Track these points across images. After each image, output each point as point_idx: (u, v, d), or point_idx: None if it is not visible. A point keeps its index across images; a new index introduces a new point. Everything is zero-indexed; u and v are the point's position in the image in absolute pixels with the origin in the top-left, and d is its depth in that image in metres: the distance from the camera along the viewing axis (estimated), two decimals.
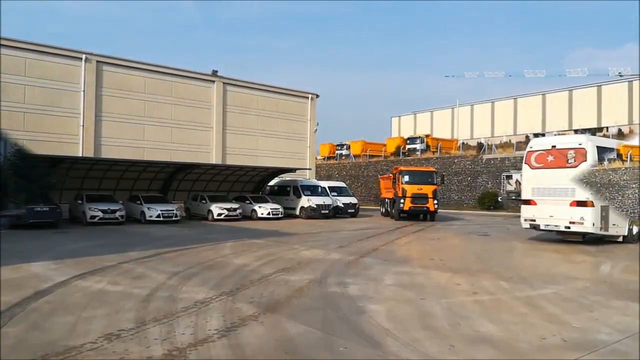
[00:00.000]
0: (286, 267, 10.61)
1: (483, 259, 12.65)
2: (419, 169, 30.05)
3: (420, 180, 26.94)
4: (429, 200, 26.35)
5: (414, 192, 26.36)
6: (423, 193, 26.46)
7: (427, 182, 26.74)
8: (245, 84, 33.22)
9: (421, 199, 26.38)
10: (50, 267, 10.50)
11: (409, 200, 26.25)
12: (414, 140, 53.31)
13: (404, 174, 27.25)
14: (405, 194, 26.45)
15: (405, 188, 26.48)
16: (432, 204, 26.31)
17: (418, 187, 26.43)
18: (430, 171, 28.25)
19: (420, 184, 26.61)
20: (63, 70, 25.42)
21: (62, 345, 5.28)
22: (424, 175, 27.52)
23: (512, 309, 7.22)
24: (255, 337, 5.68)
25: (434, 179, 27.06)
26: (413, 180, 26.86)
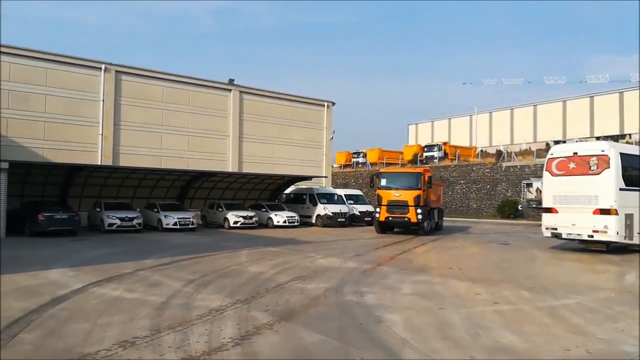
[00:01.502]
0: (302, 276, 10.51)
1: (503, 268, 12.38)
2: (400, 171, 25.48)
3: (400, 184, 22.15)
4: (409, 209, 21.38)
5: (390, 200, 21.78)
6: (402, 200, 21.56)
7: (408, 187, 21.77)
8: (262, 93, 33.40)
9: (400, 208, 21.56)
10: (68, 274, 10.57)
11: (385, 209, 21.90)
12: (432, 147, 53.03)
13: (382, 177, 22.84)
14: (381, 201, 22.19)
15: (381, 194, 22.19)
16: (415, 214, 21.23)
17: (395, 193, 21.80)
18: (414, 173, 22.81)
19: (399, 188, 21.94)
20: (83, 80, 25.87)
21: (77, 352, 5.26)
22: (404, 178, 22.55)
23: (534, 320, 7.00)
24: (269, 346, 5.59)
25: (419, 183, 21.60)
26: (391, 184, 22.32)
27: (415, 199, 21.36)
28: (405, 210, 21.50)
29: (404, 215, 21.49)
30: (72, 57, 25.77)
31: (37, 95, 24.46)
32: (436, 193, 25.19)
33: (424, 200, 21.54)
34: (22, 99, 23.96)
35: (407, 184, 21.92)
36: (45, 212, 19.76)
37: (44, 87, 24.69)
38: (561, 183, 15.37)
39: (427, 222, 22.09)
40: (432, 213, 23.19)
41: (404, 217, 21.53)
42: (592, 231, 14.49)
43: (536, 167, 37.33)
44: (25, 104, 24.03)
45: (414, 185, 21.71)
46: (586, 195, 14.67)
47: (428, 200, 22.11)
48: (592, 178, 14.58)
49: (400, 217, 21.67)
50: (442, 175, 45.48)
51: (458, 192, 43.64)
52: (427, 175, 22.19)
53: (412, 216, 21.37)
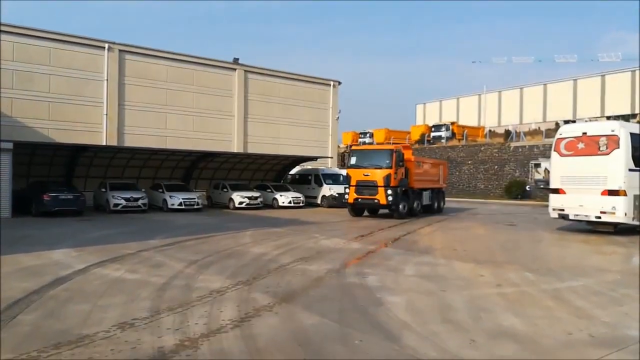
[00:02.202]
0: (305, 257, 10.48)
1: (508, 250, 12.28)
2: (370, 148, 22.94)
3: (370, 162, 20.35)
4: (378, 190, 19.73)
5: (359, 180, 20.30)
6: (370, 180, 19.91)
7: (377, 165, 19.95)
8: (267, 72, 33.05)
9: (368, 189, 19.97)
10: (71, 254, 10.60)
11: (353, 190, 20.46)
12: (439, 127, 52.55)
13: (352, 155, 21.19)
14: (350, 181, 20.83)
15: (350, 174, 20.75)
16: (384, 195, 19.56)
17: (365, 172, 20.19)
18: (384, 150, 21.11)
19: (368, 167, 20.23)
20: (86, 60, 25.69)
21: (75, 333, 5.25)
22: (374, 156, 20.63)
23: (537, 302, 6.92)
24: (268, 328, 5.55)
25: (390, 161, 19.69)
26: (361, 162, 20.58)
27: (385, 179, 19.60)
28: (374, 191, 19.82)
29: (373, 197, 19.85)
30: (76, 37, 25.55)
31: (41, 75, 24.35)
32: (432, 173, 24.16)
33: (399, 180, 19.93)
34: (26, 78, 23.86)
35: (377, 163, 20.08)
36: (50, 193, 19.84)
37: (47, 66, 24.55)
38: (569, 163, 15.14)
39: (403, 205, 20.30)
40: (416, 194, 21.53)
41: (372, 198, 19.91)
42: (599, 212, 14.31)
43: (545, 147, 36.86)
44: (30, 83, 23.95)
45: (384, 164, 19.84)
46: (595, 176, 14.45)
47: (406, 180, 20.60)
48: (601, 158, 14.33)
49: (369, 199, 20.09)
50: (449, 155, 45.13)
51: (465, 172, 43.34)
52: (403, 152, 20.66)
53: (381, 198, 19.66)
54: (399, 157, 19.96)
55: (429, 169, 24.24)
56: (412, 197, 21.11)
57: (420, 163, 22.83)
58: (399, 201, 19.96)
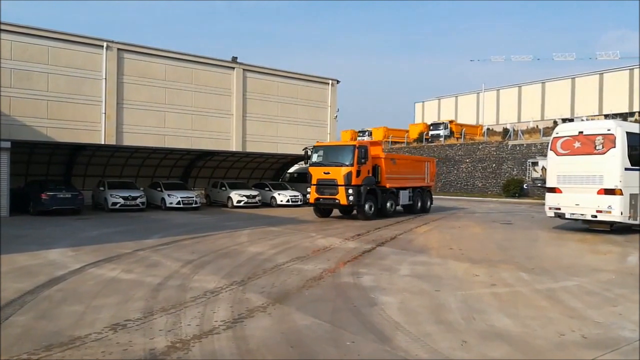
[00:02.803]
0: (301, 256, 10.48)
1: (504, 249, 12.29)
2: (332, 144, 21.24)
3: (331, 159, 19.17)
4: (338, 189, 18.49)
5: (319, 178, 19.21)
6: (330, 179, 18.77)
7: (338, 163, 18.74)
8: (265, 71, 33.02)
9: (329, 188, 18.82)
10: (68, 254, 10.61)
11: (314, 189, 19.34)
12: (438, 126, 52.56)
13: (314, 152, 20.02)
14: (311, 180, 19.69)
15: (311, 172, 19.66)
16: (344, 195, 18.31)
17: (324, 171, 19.06)
18: (346, 146, 19.70)
19: (329, 165, 19.03)
20: (85, 59, 25.65)
21: (67, 335, 5.25)
22: (336, 153, 19.38)
23: (531, 303, 6.92)
24: (261, 330, 5.55)
25: (351, 158, 18.45)
26: (322, 159, 19.51)
27: (346, 177, 18.33)
28: (335, 190, 18.62)
29: (333, 197, 18.70)
30: (74, 35, 25.50)
31: (40, 74, 24.31)
32: (412, 170, 22.95)
33: (363, 178, 18.68)
34: (25, 77, 23.82)
35: (338, 160, 18.89)
36: (48, 192, 19.86)
37: (46, 65, 24.51)
38: (566, 163, 15.15)
39: (370, 205, 19.06)
40: (389, 193, 20.33)
41: (333, 198, 18.74)
42: (596, 211, 14.33)
43: (542, 145, 36.87)
44: (28, 82, 23.91)
45: (345, 161, 18.61)
46: (591, 175, 14.47)
47: (373, 178, 19.37)
48: (597, 158, 14.34)
49: (330, 199, 18.89)
50: (447, 153, 45.16)
51: (464, 170, 43.37)
52: (368, 148, 19.31)
53: (341, 197, 18.44)
54: (362, 153, 18.69)
55: (408, 166, 23.15)
56: (382, 196, 19.86)
57: (394, 160, 21.60)
58: (364, 201, 18.71)
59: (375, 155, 19.99)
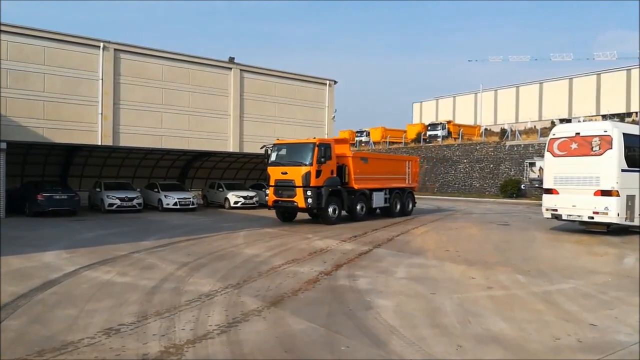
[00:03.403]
0: (297, 258, 10.46)
1: (501, 251, 12.28)
2: (292, 142, 19.30)
3: (290, 158, 17.78)
4: (296, 190, 17.15)
5: (277, 179, 17.83)
6: (288, 180, 17.39)
7: (296, 162, 17.34)
8: (262, 71, 32.98)
9: (287, 190, 17.42)
10: (63, 256, 10.56)
11: (272, 191, 18.00)
12: (435, 126, 52.64)
13: (273, 150, 18.52)
14: (269, 181, 18.36)
15: (270, 172, 18.18)
16: (302, 196, 17.00)
17: (282, 171, 17.65)
18: (305, 144, 17.80)
19: (287, 165, 17.61)
20: (82, 59, 25.57)
21: (60, 340, 5.21)
22: (295, 151, 17.88)
23: (527, 306, 6.90)
24: (255, 334, 5.52)
25: (310, 157, 17.04)
26: (281, 158, 18.08)
27: (304, 178, 16.93)
28: (292, 192, 17.26)
29: (291, 199, 17.34)
30: (71, 36, 25.42)
31: (36, 74, 24.23)
32: (387, 170, 21.39)
33: (325, 179, 17.34)
34: (21, 78, 23.74)
35: (297, 159, 17.49)
36: (44, 193, 19.80)
37: (42, 65, 24.43)
38: (562, 164, 15.15)
39: (334, 208, 17.77)
40: (359, 195, 19.06)
41: (291, 200, 17.38)
42: (592, 212, 14.33)
43: (540, 146, 36.89)
44: (24, 83, 23.83)
45: (304, 160, 17.19)
46: (588, 176, 14.47)
47: (337, 178, 17.98)
48: (594, 159, 14.34)
49: (288, 201, 17.53)
50: (445, 154, 45.18)
51: (461, 171, 43.39)
52: (331, 147, 17.91)
53: (299, 200, 17.07)
54: (323, 152, 17.25)
55: (384, 166, 21.66)
56: (350, 198, 18.63)
57: (365, 159, 20.25)
58: (326, 204, 17.35)
59: (341, 154, 18.71)
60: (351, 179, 18.66)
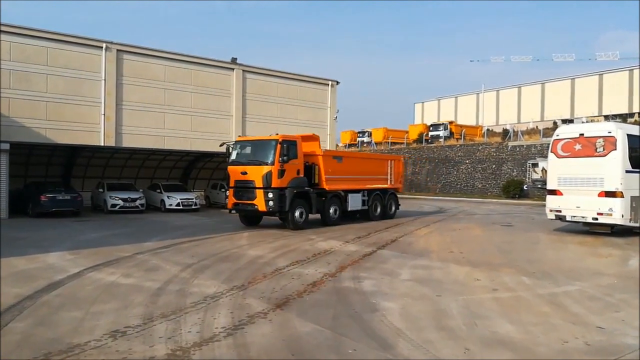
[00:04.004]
0: (301, 260, 10.44)
1: (505, 252, 12.25)
2: (253, 139, 17.83)
3: (250, 157, 16.38)
4: (256, 192, 15.71)
5: (236, 179, 16.46)
6: (248, 180, 15.99)
7: (257, 161, 15.94)
8: (265, 72, 32.94)
9: (247, 192, 16.01)
10: (67, 257, 10.56)
11: (232, 193, 16.57)
12: (437, 127, 52.58)
13: (234, 148, 17.09)
14: (229, 182, 17.03)
15: (230, 172, 16.83)
16: (263, 199, 15.54)
17: (242, 170, 16.23)
18: (267, 141, 16.21)
19: (247, 164, 16.21)
20: (84, 60, 25.54)
21: (66, 342, 5.20)
22: (256, 149, 16.46)
23: (533, 308, 6.88)
24: (261, 337, 5.51)
25: (274, 155, 15.55)
26: (241, 157, 16.65)
27: (265, 178, 15.52)
28: (252, 194, 15.84)
29: (251, 201, 15.90)
30: (73, 36, 25.39)
31: (39, 75, 24.17)
32: (365, 170, 19.91)
33: (290, 179, 15.98)
34: (23, 78, 23.71)
35: (258, 157, 16.08)
36: (47, 193, 19.84)
37: (45, 66, 24.39)
38: (566, 165, 15.12)
39: (300, 211, 16.31)
40: (331, 197, 17.74)
41: (251, 203, 15.91)
42: (596, 214, 14.29)
43: (542, 146, 36.84)
44: (27, 83, 23.80)
45: (265, 159, 15.77)
46: (592, 177, 14.44)
47: (304, 179, 16.62)
48: (598, 160, 14.31)
49: (248, 204, 16.04)
50: (447, 154, 45.12)
51: (463, 171, 43.34)
52: (296, 144, 16.52)
53: (259, 202, 15.64)
54: (286, 149, 15.86)
55: (361, 165, 20.28)
56: (320, 201, 17.30)
57: (340, 158, 18.86)
58: (291, 207, 15.86)
59: (310, 152, 17.33)
60: (322, 180, 17.27)
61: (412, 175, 47.96)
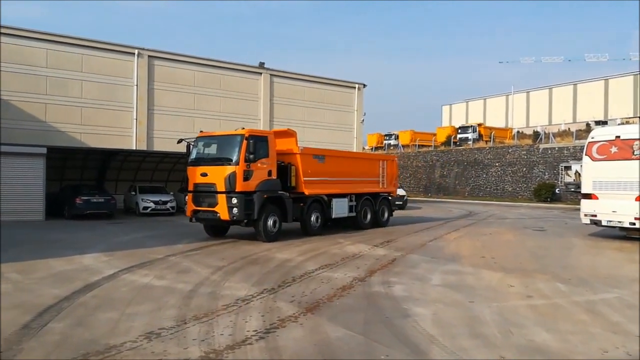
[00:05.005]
0: (329, 263, 10.43)
1: (538, 257, 11.96)
2: (215, 134, 15.01)
3: (212, 156, 14.08)
4: (217, 198, 13.20)
5: (196, 182, 13.88)
6: (208, 183, 13.52)
7: (220, 161, 13.56)
8: (292, 75, 33.16)
9: (208, 197, 13.52)
10: (102, 259, 10.82)
11: (191, 198, 13.92)
12: (466, 129, 51.85)
13: (194, 145, 14.48)
14: (187, 185, 14.51)
15: (188, 174, 14.24)
16: (226, 206, 13.03)
17: (202, 171, 13.68)
18: (231, 136, 13.70)
19: (208, 164, 13.80)
20: (117, 66, 26.21)
21: (103, 343, 5.32)
22: (219, 146, 14.10)
23: (570, 316, 6.70)
24: (293, 341, 5.52)
25: (237, 153, 13.07)
26: (203, 156, 14.21)
27: (228, 181, 13.00)
28: (214, 199, 13.31)
29: (212, 208, 13.36)
30: (107, 43, 26.11)
31: (74, 81, 24.93)
32: (353, 172, 17.43)
33: (260, 182, 13.56)
34: (60, 84, 24.48)
35: (220, 156, 13.76)
36: (82, 196, 20.39)
37: (80, 72, 25.12)
38: (602, 168, 14.68)
39: (274, 220, 13.99)
40: (311, 203, 15.41)
41: (212, 210, 13.38)
42: (634, 219, 13.81)
43: (575, 149, 35.93)
44: (62, 89, 24.55)
45: (228, 157, 13.32)
46: (629, 181, 13.97)
47: (276, 181, 14.22)
48: (635, 163, 13.84)
49: (209, 211, 13.50)
50: (476, 157, 44.45)
51: (493, 174, 42.61)
52: (267, 140, 14.05)
53: (221, 209, 13.12)
54: (253, 146, 13.26)
55: (348, 166, 17.42)
56: (298, 207, 14.96)
57: (321, 158, 16.03)
58: (260, 214, 13.47)
59: (286, 151, 15.03)
60: (300, 182, 14.91)
61: (440, 178, 47.41)
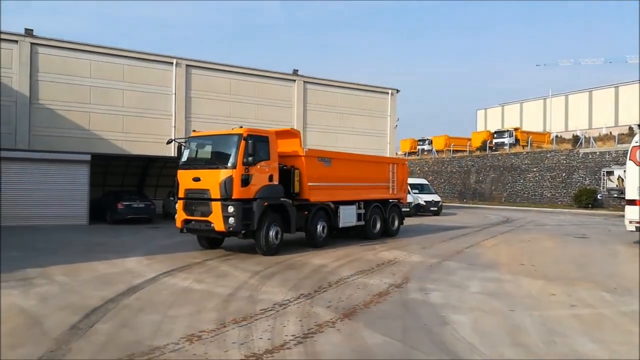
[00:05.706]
0: (365, 269, 10.41)
1: (581, 265, 11.60)
2: (209, 134, 13.69)
3: (205, 158, 12.84)
4: (211, 205, 11.71)
5: (187, 188, 12.43)
6: (200, 189, 12.04)
7: (214, 164, 12.13)
8: (325, 82, 33.33)
9: (200, 205, 12.07)
10: (143, 262, 11.14)
11: (181, 206, 12.54)
12: (502, 134, 50.89)
13: (186, 147, 13.25)
14: (177, 191, 12.93)
15: (179, 178, 12.83)
16: (220, 215, 11.52)
17: (194, 176, 12.19)
18: (230, 136, 12.15)
19: (201, 167, 12.39)
20: (157, 75, 26.98)
21: (147, 345, 5.48)
22: (213, 148, 12.88)
23: (616, 327, 6.48)
24: (331, 346, 5.55)
25: (234, 155, 11.62)
26: (194, 159, 12.97)
27: (224, 186, 11.47)
28: (207, 207, 11.83)
29: (205, 218, 11.90)
30: (147, 54, 26.93)
31: (116, 91, 25.81)
32: (360, 176, 15.85)
33: (260, 188, 12.07)
34: (103, 94, 25.39)
35: (214, 158, 12.46)
36: (124, 201, 21.04)
37: (121, 82, 25.99)
38: None
39: (275, 231, 12.39)
40: (316, 211, 13.87)
41: (205, 220, 11.92)
42: None
43: (618, 153, 34.69)
44: (105, 98, 25.44)
45: (223, 160, 11.88)
46: None
47: (279, 187, 12.73)
48: None
49: (202, 221, 12.05)
50: (513, 162, 43.47)
51: (530, 180, 41.56)
52: (268, 140, 12.50)
53: (216, 219, 11.63)
54: (252, 148, 11.66)
55: (356, 169, 15.77)
56: (302, 216, 13.56)
57: (327, 161, 14.51)
58: (260, 224, 11.96)
59: (289, 153, 13.60)
60: (304, 188, 13.51)
61: (476, 183, 46.57)
